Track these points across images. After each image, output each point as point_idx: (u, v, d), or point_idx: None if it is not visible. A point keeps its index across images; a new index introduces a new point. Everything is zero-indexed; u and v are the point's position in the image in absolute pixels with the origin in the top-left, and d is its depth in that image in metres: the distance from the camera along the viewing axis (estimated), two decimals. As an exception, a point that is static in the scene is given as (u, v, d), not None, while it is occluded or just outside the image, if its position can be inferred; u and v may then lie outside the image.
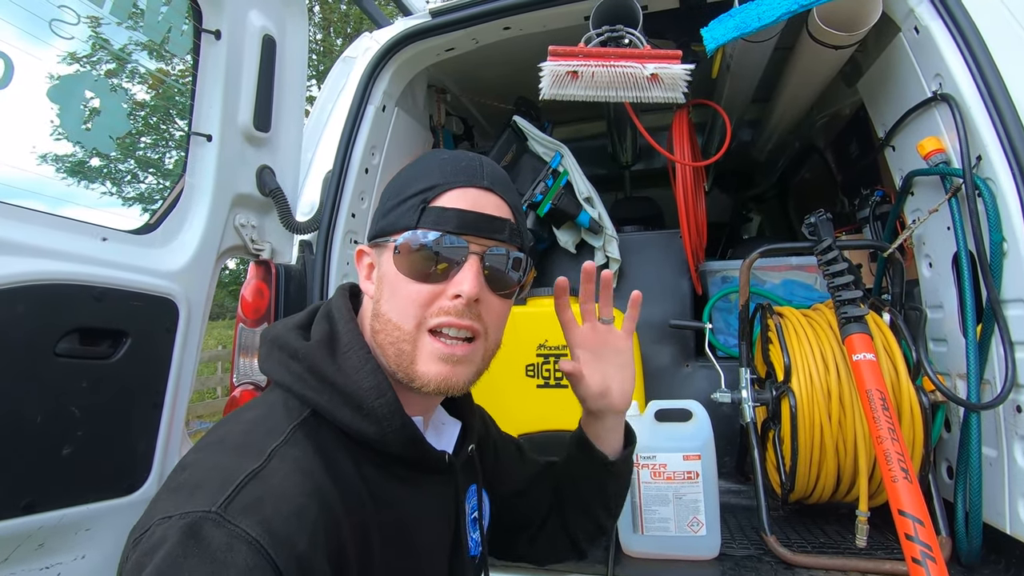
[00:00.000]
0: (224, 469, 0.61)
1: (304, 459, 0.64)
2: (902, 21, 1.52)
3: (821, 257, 1.47)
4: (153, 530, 0.55)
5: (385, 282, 0.76)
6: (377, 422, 0.70)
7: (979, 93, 1.31)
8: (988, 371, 1.32)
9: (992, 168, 1.28)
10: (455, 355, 0.73)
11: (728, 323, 2.14)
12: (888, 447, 1.08)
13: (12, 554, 1.08)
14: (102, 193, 7.00)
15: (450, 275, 0.73)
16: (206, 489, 0.58)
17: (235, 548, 0.53)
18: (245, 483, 0.59)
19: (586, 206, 2.05)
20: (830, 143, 2.63)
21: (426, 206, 0.74)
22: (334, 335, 0.76)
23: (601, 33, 1.58)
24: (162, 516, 0.56)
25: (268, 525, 0.56)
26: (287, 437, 0.66)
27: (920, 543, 0.95)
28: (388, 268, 0.76)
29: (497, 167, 0.81)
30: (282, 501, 0.59)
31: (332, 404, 0.70)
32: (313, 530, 0.59)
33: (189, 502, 0.57)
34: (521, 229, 0.81)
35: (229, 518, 0.55)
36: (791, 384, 1.43)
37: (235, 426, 0.69)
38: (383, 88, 1.89)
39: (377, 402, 0.70)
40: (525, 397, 1.80)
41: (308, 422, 0.69)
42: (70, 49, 1.22)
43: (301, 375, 0.72)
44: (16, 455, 1.06)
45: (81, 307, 1.17)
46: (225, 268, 2.07)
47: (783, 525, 1.61)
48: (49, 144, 1.30)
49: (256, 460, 0.62)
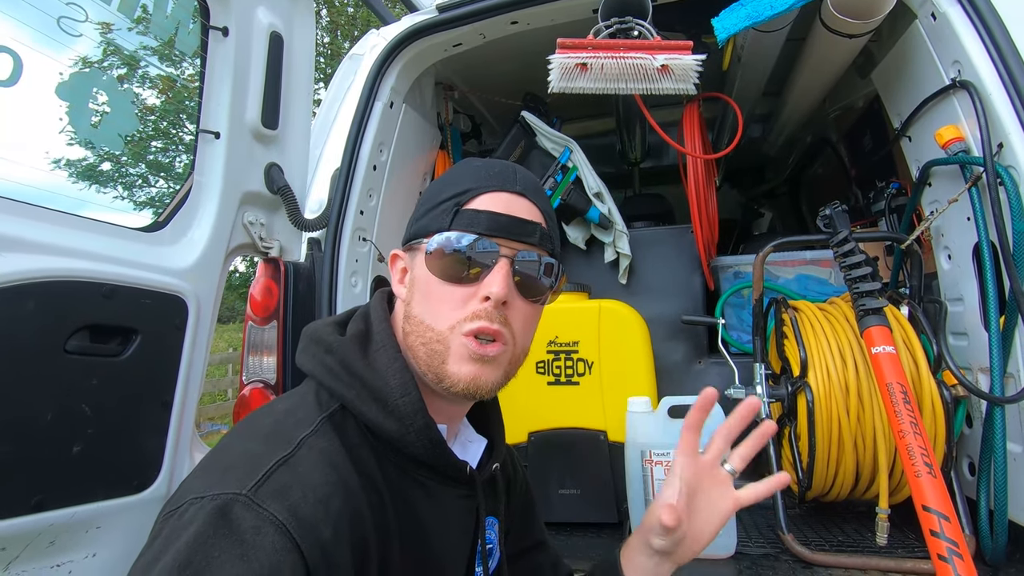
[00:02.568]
0: (254, 455, 0.62)
1: (331, 450, 0.66)
2: (918, 7, 1.49)
3: (837, 249, 1.44)
4: (185, 508, 0.57)
5: (417, 284, 0.77)
6: (400, 420, 0.71)
7: (1000, 79, 1.28)
8: (1011, 364, 1.29)
9: (1014, 155, 1.25)
10: (486, 355, 0.72)
11: (741, 319, 2.11)
12: (911, 441, 1.05)
13: (23, 552, 1.08)
14: (114, 197, 7.07)
15: (481, 278, 0.74)
16: (237, 472, 0.60)
17: (263, 531, 0.55)
18: (274, 469, 0.60)
19: (596, 202, 2.03)
20: (843, 136, 2.59)
21: (459, 209, 0.75)
22: (368, 333, 0.78)
23: (610, 25, 1.56)
24: (194, 496, 0.58)
25: (295, 511, 0.57)
26: (316, 428, 0.68)
27: (946, 539, 0.92)
28: (420, 271, 0.76)
29: (529, 174, 0.82)
30: (309, 489, 0.60)
31: (360, 399, 0.72)
32: (338, 520, 0.60)
33: (220, 484, 0.59)
34: (552, 234, 0.81)
35: (258, 501, 0.57)
36: (807, 379, 1.40)
37: (268, 415, 0.72)
38: (391, 84, 1.88)
39: (402, 400, 0.71)
40: (535, 394, 1.78)
41: (336, 416, 0.71)
42: (77, 47, 1.22)
43: (332, 368, 0.74)
44: (27, 452, 1.06)
45: (91, 304, 1.17)
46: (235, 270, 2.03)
47: (800, 524, 1.58)
48: (58, 142, 1.31)
49: (285, 448, 0.63)
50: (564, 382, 1.76)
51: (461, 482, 0.80)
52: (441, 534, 0.78)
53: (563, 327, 1.77)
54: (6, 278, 1.03)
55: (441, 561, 0.79)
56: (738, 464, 0.81)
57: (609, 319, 1.74)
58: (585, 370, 1.74)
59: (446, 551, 0.80)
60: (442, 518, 0.78)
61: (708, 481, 0.80)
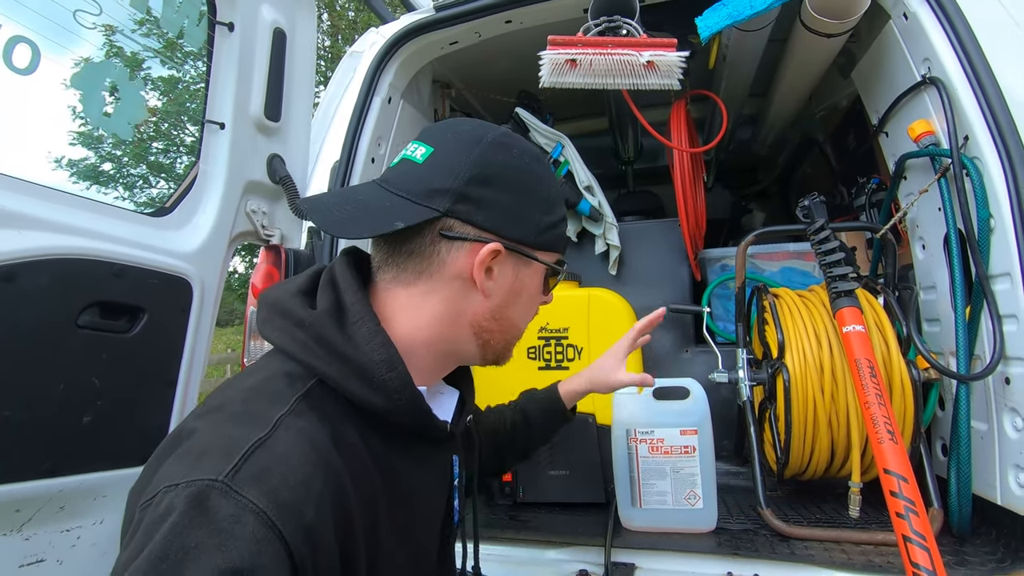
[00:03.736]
0: (229, 437, 0.60)
1: (310, 429, 0.64)
2: (891, 8, 1.56)
3: (813, 237, 1.51)
4: (160, 498, 0.55)
5: (524, 293, 0.83)
6: (387, 395, 0.70)
7: (965, 75, 1.35)
8: (978, 347, 1.35)
9: (979, 147, 1.32)
10: None
11: (727, 309, 2.18)
12: (875, 411, 1.11)
13: (36, 515, 1.14)
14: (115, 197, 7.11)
15: None
16: (212, 456, 0.57)
17: (242, 519, 0.53)
18: (251, 452, 0.58)
19: (586, 194, 2.09)
20: (829, 136, 2.66)
21: (563, 234, 0.87)
22: (340, 305, 0.74)
23: (599, 23, 1.64)
24: (168, 483, 0.56)
25: (275, 496, 0.55)
26: (292, 406, 0.65)
27: (904, 499, 0.98)
28: (532, 282, 0.83)
29: None
30: (289, 471, 0.58)
31: (341, 375, 0.69)
32: (320, 501, 0.59)
33: (195, 469, 0.56)
34: None
35: (236, 488, 0.55)
36: (784, 360, 1.46)
37: (236, 393, 0.68)
38: (389, 80, 1.95)
39: (388, 375, 0.70)
40: (526, 379, 1.83)
41: (313, 391, 0.68)
42: (92, 39, 1.29)
43: (307, 343, 0.70)
44: (41, 420, 1.12)
45: (102, 282, 1.23)
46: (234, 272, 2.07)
47: (780, 504, 1.63)
48: (72, 128, 1.37)
49: (262, 429, 0.61)
50: (554, 367, 1.82)
51: (440, 440, 0.83)
52: (424, 491, 0.81)
53: (554, 314, 1.83)
54: (25, 253, 1.09)
55: (426, 515, 0.83)
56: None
57: (598, 306, 1.81)
58: (575, 355, 1.80)
59: (430, 504, 0.84)
60: (423, 476, 0.81)
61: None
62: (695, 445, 1.44)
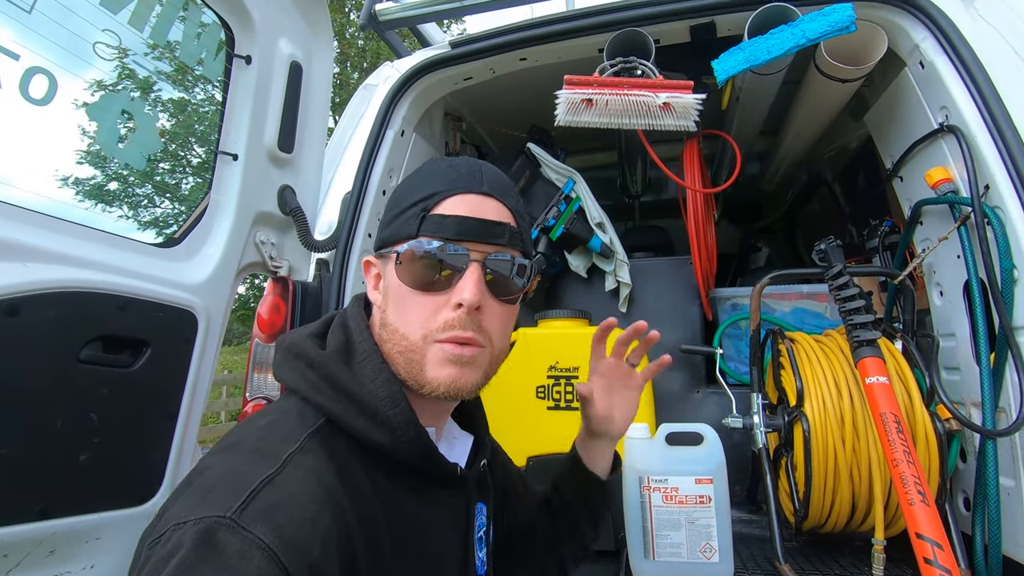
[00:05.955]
0: (238, 474, 0.60)
1: (318, 467, 0.64)
2: (907, 56, 1.57)
3: (832, 282, 1.48)
4: (168, 535, 0.55)
5: (390, 293, 0.77)
6: (391, 431, 0.71)
7: (985, 124, 1.35)
8: (1003, 399, 1.32)
9: (1000, 196, 1.31)
10: (464, 356, 0.73)
11: (739, 350, 2.14)
12: (904, 470, 1.07)
13: (24, 559, 1.08)
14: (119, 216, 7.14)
15: (452, 283, 0.74)
16: (220, 493, 0.58)
17: (248, 555, 0.53)
18: (259, 489, 0.58)
19: (598, 231, 2.08)
20: (838, 175, 2.67)
21: (426, 214, 0.74)
22: (350, 344, 0.76)
23: (615, 64, 1.64)
24: (177, 522, 0.56)
25: (281, 532, 0.56)
26: (302, 444, 0.66)
27: (940, 567, 0.94)
28: (392, 279, 0.76)
29: (498, 172, 0.81)
30: (296, 508, 0.59)
31: (347, 413, 0.70)
32: (326, 538, 0.59)
33: (203, 507, 0.57)
34: (523, 233, 0.81)
35: (243, 524, 0.55)
36: (804, 408, 1.42)
37: (250, 432, 0.69)
38: (402, 114, 1.95)
39: (391, 412, 0.70)
40: (535, 419, 1.79)
41: (322, 430, 0.69)
42: (111, 70, 1.28)
43: (316, 383, 0.72)
44: (35, 458, 1.07)
45: (106, 315, 1.20)
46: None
47: (796, 556, 1.57)
48: (87, 160, 1.36)
49: (271, 466, 0.61)
50: (564, 407, 1.78)
51: (452, 484, 0.81)
52: (434, 536, 0.79)
53: (564, 353, 1.80)
54: (28, 287, 1.06)
55: (437, 559, 0.79)
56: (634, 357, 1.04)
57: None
58: (585, 396, 1.76)
59: (439, 551, 0.80)
60: (435, 519, 0.79)
61: (617, 373, 1.02)
62: (711, 495, 1.39)
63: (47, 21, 1.14)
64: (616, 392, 1.02)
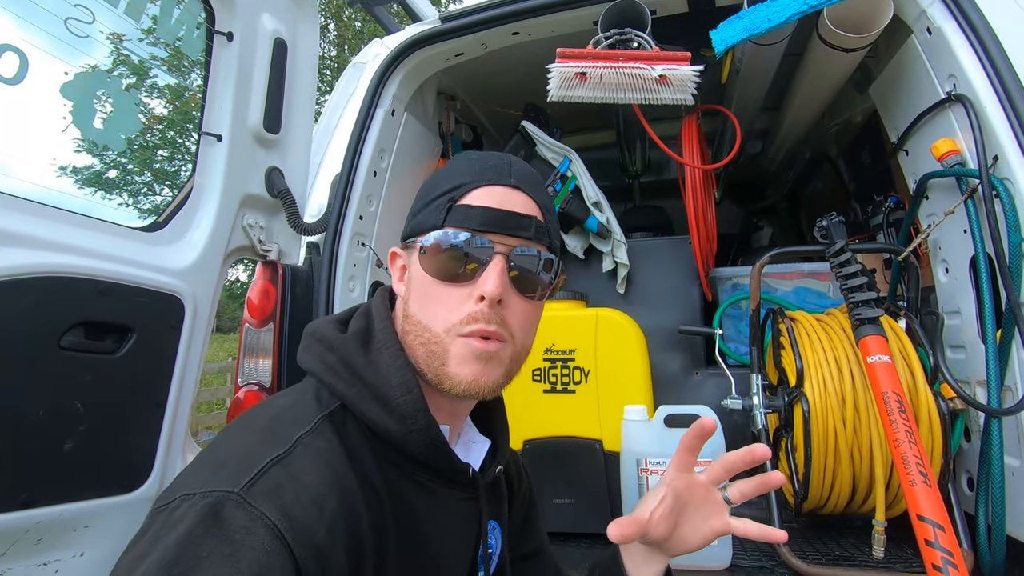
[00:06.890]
0: (250, 452, 0.61)
1: (328, 450, 0.65)
2: (914, 22, 1.51)
3: (834, 260, 1.44)
4: (178, 503, 0.56)
5: (414, 283, 0.76)
6: (401, 419, 0.70)
7: (995, 93, 1.29)
8: (1008, 377, 1.28)
9: (1009, 168, 1.26)
10: (487, 351, 0.71)
11: (739, 330, 2.11)
12: (905, 450, 1.04)
13: (10, 549, 1.07)
14: (119, 204, 7.11)
15: (476, 275, 0.72)
16: (230, 469, 0.59)
17: (253, 531, 0.54)
18: (268, 468, 0.59)
19: (594, 211, 2.04)
20: (842, 152, 2.61)
21: (452, 205, 0.73)
22: (369, 331, 0.77)
23: (609, 36, 1.58)
24: (187, 492, 0.57)
25: (287, 511, 0.56)
26: (314, 427, 0.66)
27: (941, 549, 0.91)
28: (416, 269, 0.75)
29: (526, 166, 0.79)
30: (303, 489, 0.59)
31: (360, 397, 0.71)
32: (332, 520, 0.59)
33: (213, 480, 0.58)
34: (551, 228, 0.78)
35: (250, 500, 0.55)
36: (804, 389, 1.39)
37: (266, 411, 0.70)
38: (393, 92, 1.90)
39: (403, 399, 0.70)
40: (531, 402, 1.77)
41: (336, 414, 0.70)
42: (84, 48, 1.24)
43: (332, 365, 0.73)
44: (17, 448, 1.05)
45: (87, 301, 1.17)
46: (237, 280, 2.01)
47: (797, 538, 1.56)
48: (60, 141, 1.32)
49: (281, 446, 0.62)
50: (560, 390, 1.76)
51: (463, 485, 0.79)
52: (441, 537, 0.77)
53: (560, 335, 1.77)
54: (6, 272, 1.03)
55: (440, 564, 0.77)
56: (735, 496, 0.80)
57: (606, 327, 1.74)
58: (581, 378, 1.74)
59: (445, 554, 0.78)
60: (443, 521, 0.77)
61: (701, 497, 0.81)
62: (709, 477, 1.37)
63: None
64: (688, 514, 0.81)
